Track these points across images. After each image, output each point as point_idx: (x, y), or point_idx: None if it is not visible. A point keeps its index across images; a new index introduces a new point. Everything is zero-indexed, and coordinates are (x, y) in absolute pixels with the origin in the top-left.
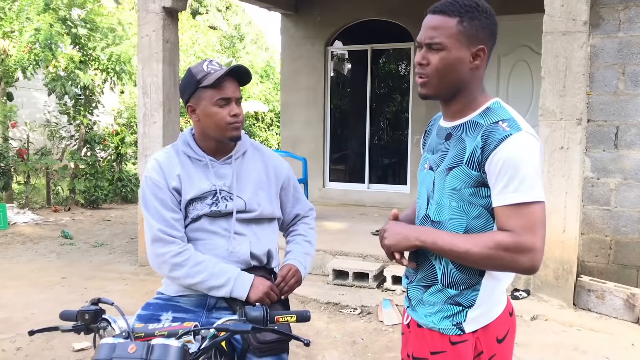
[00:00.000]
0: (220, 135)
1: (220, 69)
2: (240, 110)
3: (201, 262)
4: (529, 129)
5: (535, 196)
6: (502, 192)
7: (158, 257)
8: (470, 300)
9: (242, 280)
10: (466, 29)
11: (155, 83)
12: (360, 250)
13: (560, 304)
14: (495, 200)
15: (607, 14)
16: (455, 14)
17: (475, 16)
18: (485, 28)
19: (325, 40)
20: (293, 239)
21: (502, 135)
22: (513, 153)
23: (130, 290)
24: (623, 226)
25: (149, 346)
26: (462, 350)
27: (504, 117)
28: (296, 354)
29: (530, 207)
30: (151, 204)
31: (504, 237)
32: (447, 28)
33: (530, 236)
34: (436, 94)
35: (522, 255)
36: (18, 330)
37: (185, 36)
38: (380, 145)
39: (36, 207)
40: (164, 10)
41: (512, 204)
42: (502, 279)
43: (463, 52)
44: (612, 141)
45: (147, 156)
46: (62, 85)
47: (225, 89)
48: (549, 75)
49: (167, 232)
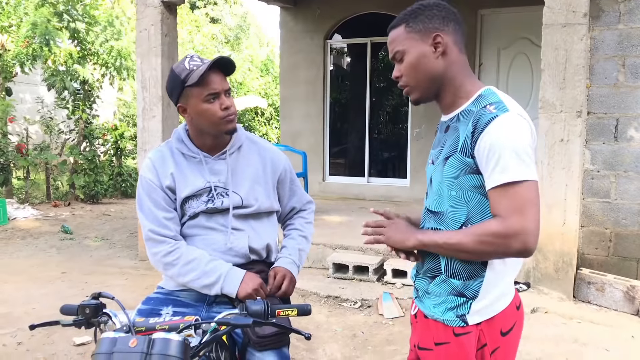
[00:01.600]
0: (216, 131)
1: (203, 63)
2: (230, 102)
3: (192, 260)
4: (517, 110)
5: (522, 175)
6: (490, 174)
7: (151, 257)
8: (474, 291)
9: (232, 277)
10: (413, 28)
11: (154, 77)
12: (360, 243)
13: (560, 296)
14: (487, 184)
15: (607, 5)
16: (401, 22)
17: (419, 13)
18: (433, 18)
19: (325, 34)
20: (289, 233)
21: (489, 118)
22: (499, 134)
23: (130, 285)
24: (623, 218)
25: (150, 340)
26: (465, 342)
27: (492, 100)
28: (296, 347)
29: (518, 187)
30: (144, 204)
31: (492, 224)
32: (398, 37)
33: (518, 218)
34: (422, 95)
35: (513, 240)
36: (19, 325)
37: (184, 30)
38: (380, 139)
39: (36, 202)
40: (163, 3)
41: (499, 184)
42: (506, 270)
43: (421, 47)
44: (612, 133)
45: (146, 150)
46: (62, 80)
47: (211, 83)
48: (549, 67)
49: (158, 231)
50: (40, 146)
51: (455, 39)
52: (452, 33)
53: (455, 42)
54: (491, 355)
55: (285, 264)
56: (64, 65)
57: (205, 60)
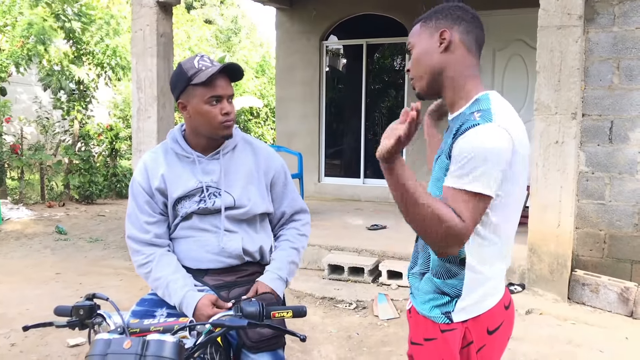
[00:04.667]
0: (211, 133)
1: (212, 65)
2: (231, 108)
3: (159, 278)
4: (502, 122)
5: (475, 188)
6: (451, 173)
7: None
8: (456, 290)
9: (187, 305)
10: (427, 25)
11: (150, 78)
12: (356, 245)
13: (555, 297)
14: (445, 180)
15: (602, 8)
16: (420, 19)
17: (437, 12)
18: (447, 16)
19: (321, 35)
20: (279, 245)
21: (469, 125)
22: (472, 141)
23: (125, 286)
24: (617, 220)
25: (145, 342)
26: (450, 339)
27: (482, 107)
28: (291, 348)
29: (468, 195)
30: (130, 206)
31: (450, 212)
32: (414, 32)
33: (466, 224)
34: (423, 88)
35: (452, 236)
36: (12, 326)
37: (180, 30)
38: (376, 140)
39: (30, 202)
40: (158, 4)
41: (452, 187)
42: (489, 271)
43: (428, 42)
44: (607, 135)
45: (141, 151)
46: (58, 79)
47: (216, 86)
48: (544, 69)
49: (135, 237)
50: (35, 146)
51: (464, 38)
52: (462, 32)
53: (463, 41)
54: (477, 353)
55: (269, 280)
56: (59, 65)
57: (215, 63)
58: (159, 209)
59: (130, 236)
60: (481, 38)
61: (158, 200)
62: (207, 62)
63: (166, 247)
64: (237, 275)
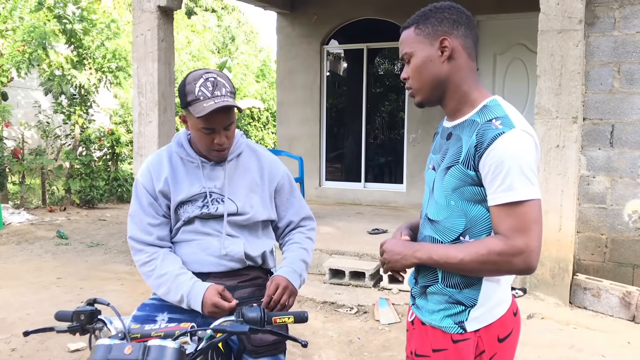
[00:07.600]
0: (205, 153)
1: (211, 97)
2: (225, 138)
3: (164, 274)
4: (523, 126)
5: (527, 194)
6: (495, 191)
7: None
8: (472, 299)
9: (194, 296)
10: (423, 30)
11: (151, 82)
12: (357, 249)
13: (557, 302)
14: (489, 200)
15: (603, 12)
16: (411, 23)
17: (429, 16)
18: (443, 21)
19: (321, 39)
20: (288, 248)
21: (495, 134)
22: (504, 152)
23: (126, 291)
24: (619, 224)
25: (146, 347)
26: (464, 349)
27: (498, 114)
28: (292, 353)
29: (522, 207)
30: (133, 207)
31: (495, 242)
32: (408, 38)
33: (522, 238)
34: (425, 98)
35: (515, 258)
36: (13, 331)
37: (180, 35)
38: (377, 144)
39: (31, 207)
40: (159, 9)
41: (503, 203)
42: (503, 278)
43: (429, 50)
44: (608, 139)
45: (142, 155)
46: (59, 84)
47: (211, 120)
48: (545, 73)
49: (138, 238)
50: (36, 151)
51: (464, 43)
52: (462, 37)
53: (464, 46)
54: None
55: (285, 272)
56: (60, 69)
57: (216, 93)
58: (162, 211)
59: (132, 237)
60: (477, 37)
61: (161, 202)
62: (207, 92)
63: (168, 248)
64: (238, 279)
